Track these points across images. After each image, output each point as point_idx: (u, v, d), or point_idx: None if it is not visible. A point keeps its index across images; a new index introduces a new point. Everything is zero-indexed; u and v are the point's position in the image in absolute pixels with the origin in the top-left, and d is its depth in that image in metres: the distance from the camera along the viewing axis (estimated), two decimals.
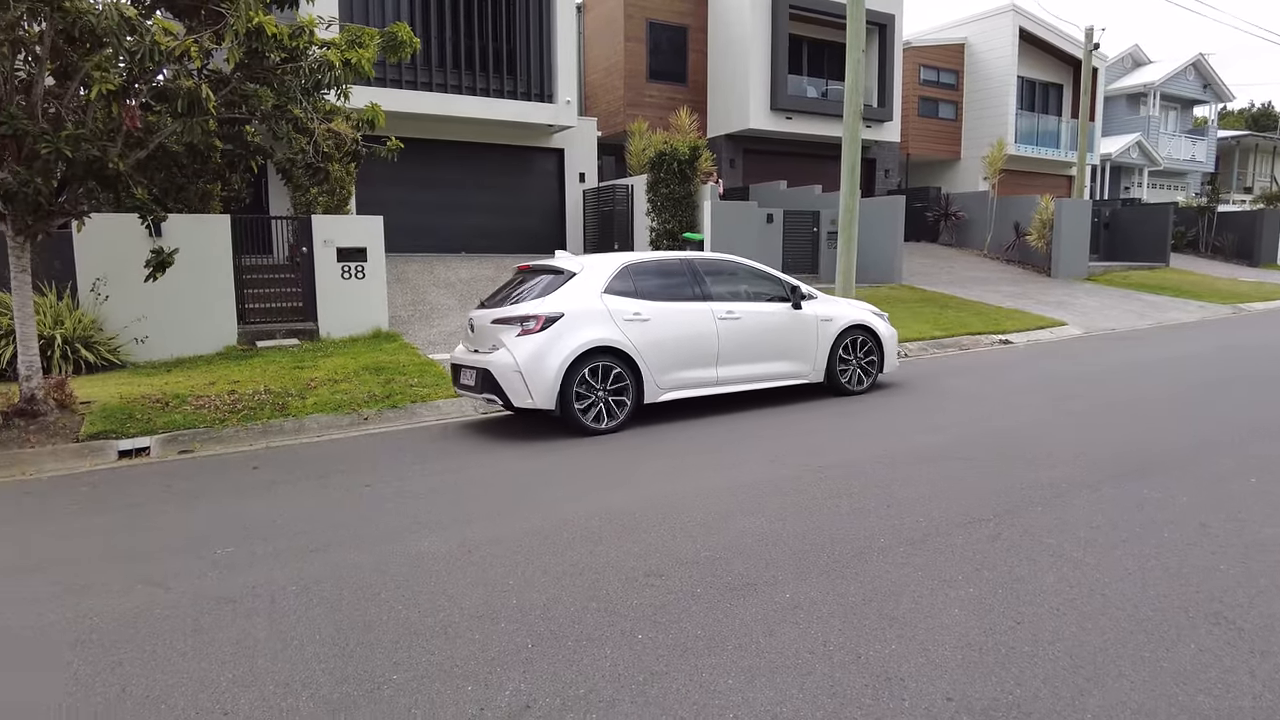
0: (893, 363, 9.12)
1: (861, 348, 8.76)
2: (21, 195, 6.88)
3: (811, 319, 8.44)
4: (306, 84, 8.02)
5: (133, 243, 10.00)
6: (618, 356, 7.32)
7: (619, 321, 7.37)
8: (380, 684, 3.04)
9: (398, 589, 3.90)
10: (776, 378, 8.31)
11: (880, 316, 9.09)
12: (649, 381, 7.48)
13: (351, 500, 5.54)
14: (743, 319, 8.01)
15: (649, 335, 7.47)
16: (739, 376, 8.04)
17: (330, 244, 11.68)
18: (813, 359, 8.48)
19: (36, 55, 7.07)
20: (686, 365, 7.70)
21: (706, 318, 7.83)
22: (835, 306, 8.77)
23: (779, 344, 8.26)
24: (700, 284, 8.00)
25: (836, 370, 8.58)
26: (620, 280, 7.62)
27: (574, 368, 7.09)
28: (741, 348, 8.00)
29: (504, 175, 19.07)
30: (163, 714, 2.89)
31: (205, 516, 5.31)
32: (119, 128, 7.37)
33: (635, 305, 7.51)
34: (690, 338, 7.70)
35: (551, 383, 7.03)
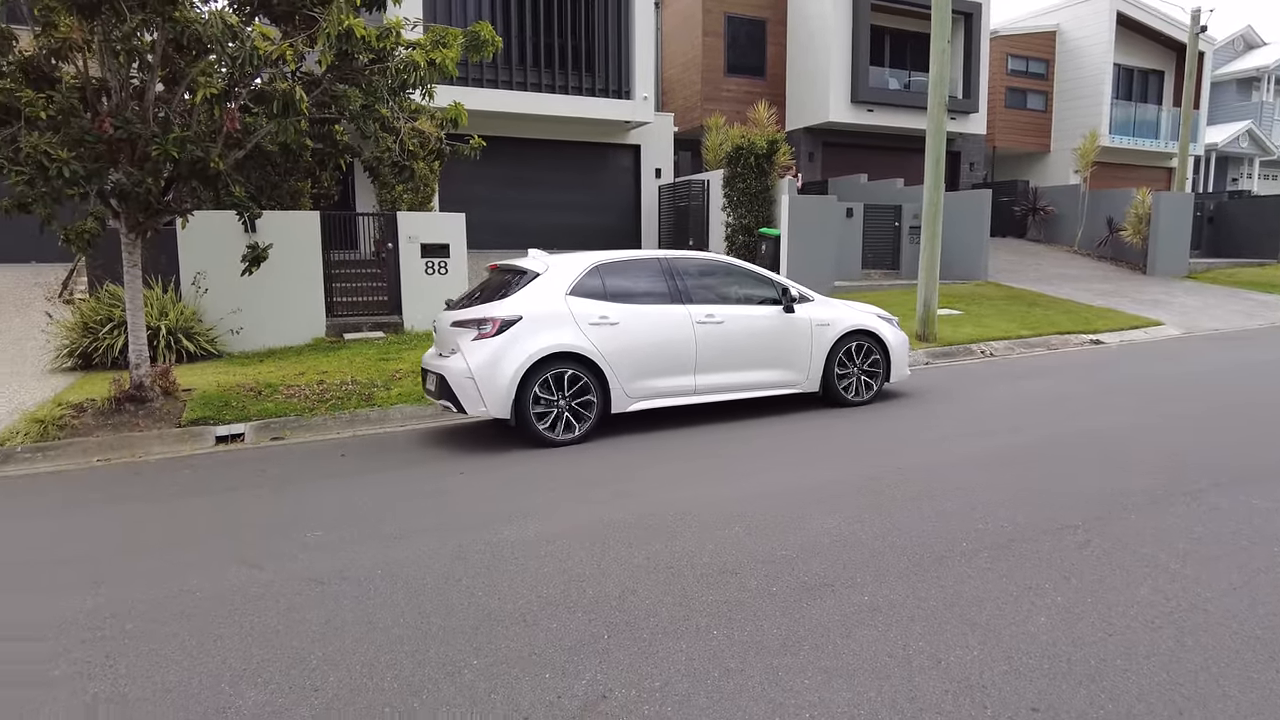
0: (902, 372, 8.35)
1: (864, 355, 8.04)
2: (135, 194, 7.31)
3: (805, 323, 7.77)
4: (393, 84, 8.27)
5: (230, 238, 10.50)
6: (581, 363, 6.83)
7: (583, 325, 6.87)
8: (460, 668, 3.12)
9: (477, 576, 4.00)
10: (764, 387, 7.66)
11: (888, 321, 8.34)
12: (617, 390, 6.97)
13: (433, 488, 5.70)
14: (725, 323, 7.41)
15: (617, 340, 6.96)
16: (721, 385, 7.44)
17: (415, 240, 12.02)
18: (805, 367, 7.79)
19: (149, 63, 7.48)
20: (660, 373, 7.16)
21: (683, 321, 7.25)
22: (834, 310, 8.07)
23: (767, 350, 7.62)
24: (679, 285, 7.42)
25: (834, 379, 7.88)
26: (589, 281, 7.11)
27: (531, 374, 6.64)
28: (723, 354, 7.40)
29: (581, 172, 19.27)
30: (259, 687, 3.04)
31: (296, 501, 5.55)
32: (220, 129, 7.74)
33: (603, 308, 6.99)
34: (664, 343, 7.16)
35: (505, 390, 6.58)
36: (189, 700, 2.96)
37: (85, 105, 7.27)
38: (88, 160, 7.08)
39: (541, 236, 18.68)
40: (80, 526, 5.23)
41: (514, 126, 17.62)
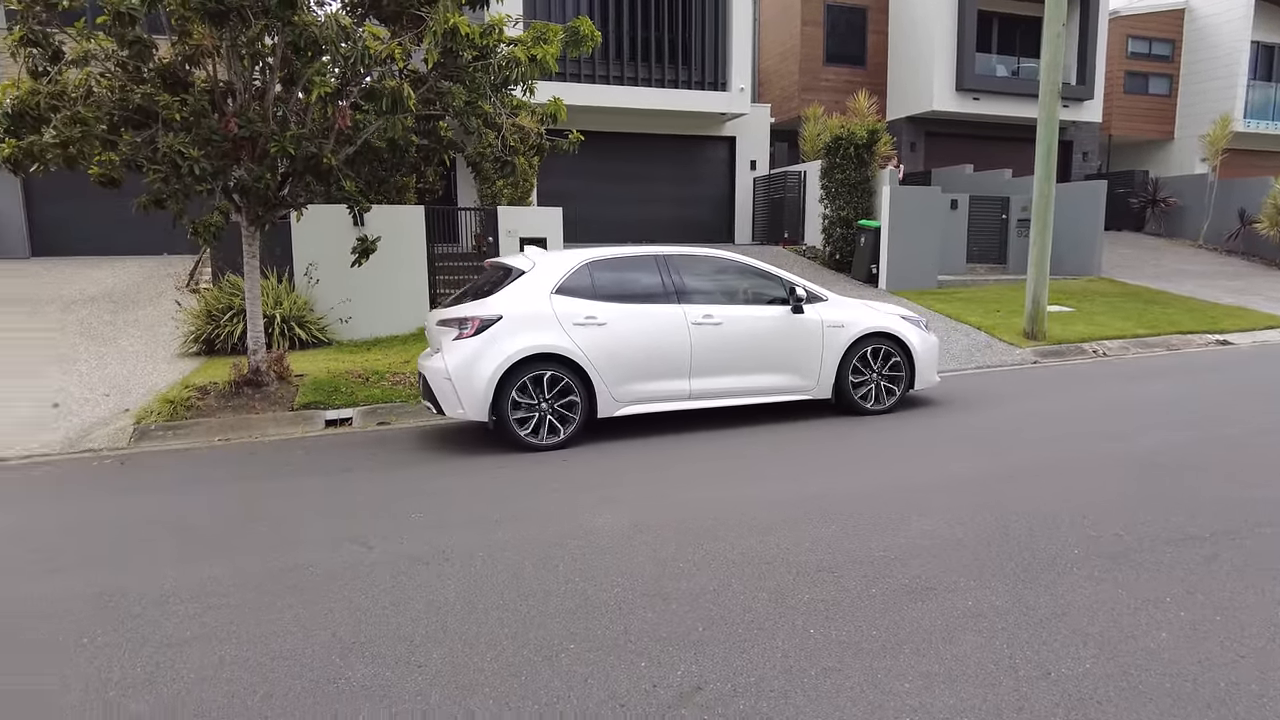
0: (929, 378, 7.71)
1: (883, 360, 7.42)
2: (255, 189, 7.74)
3: (815, 325, 7.24)
4: (495, 80, 8.48)
5: (340, 231, 10.99)
6: (564, 365, 6.56)
7: (567, 325, 6.58)
8: (558, 652, 3.18)
9: (574, 562, 4.07)
10: (768, 392, 7.18)
11: (915, 323, 7.71)
12: (603, 393, 6.66)
13: (531, 475, 5.83)
14: (724, 324, 6.98)
15: (604, 341, 6.64)
16: (718, 390, 7.02)
17: (513, 234, 12.29)
18: (815, 372, 7.26)
19: (269, 65, 7.89)
20: (651, 376, 6.80)
21: (677, 322, 6.87)
22: (849, 311, 7.47)
23: (771, 353, 7.14)
24: (676, 284, 7.03)
25: (848, 385, 7.31)
26: (576, 279, 6.80)
27: (509, 376, 6.42)
28: (721, 357, 6.98)
29: (675, 165, 19.28)
30: (367, 661, 3.18)
31: (402, 484, 5.77)
32: (332, 127, 8.10)
33: (590, 307, 6.68)
34: (656, 345, 6.80)
35: (483, 392, 6.39)
36: (303, 669, 3.13)
37: (213, 107, 7.73)
38: (215, 158, 7.53)
39: (634, 230, 18.82)
40: (205, 501, 5.58)
41: (610, 121, 17.76)
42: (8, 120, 7.09)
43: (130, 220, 10.31)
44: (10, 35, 7.20)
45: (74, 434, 7.58)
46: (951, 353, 10.62)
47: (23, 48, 7.14)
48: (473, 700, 2.87)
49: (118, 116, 7.51)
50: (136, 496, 5.86)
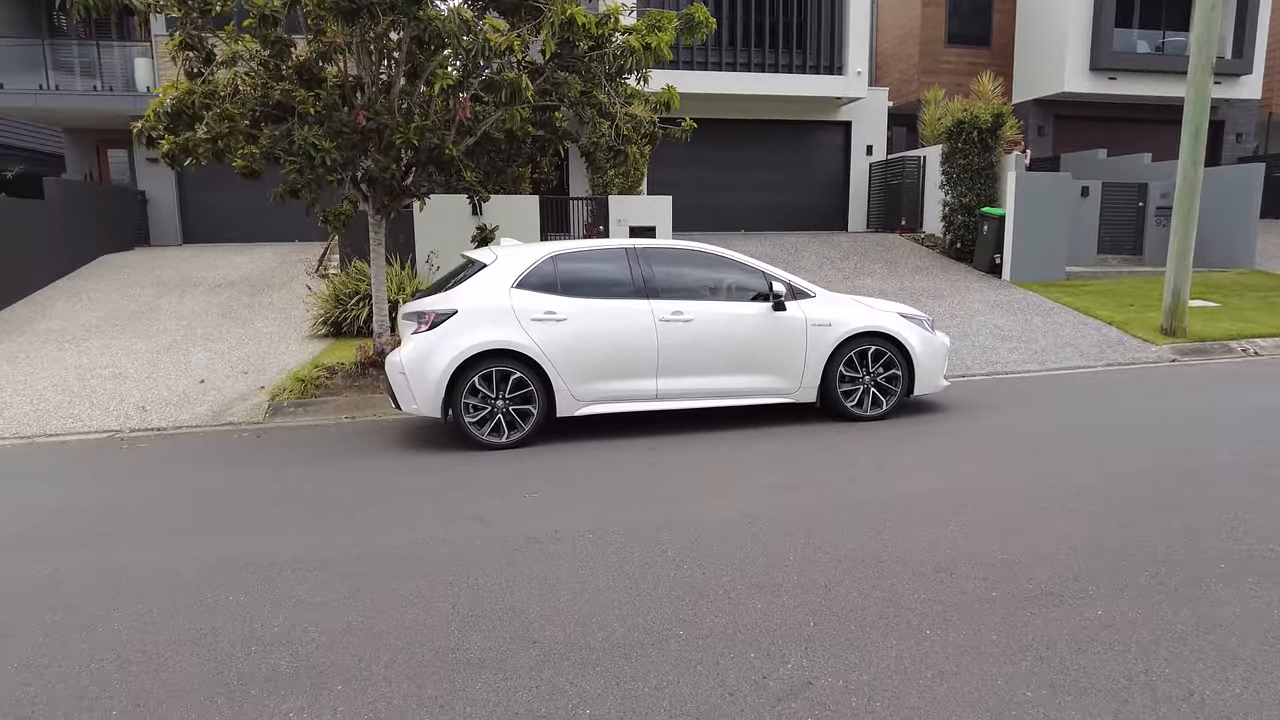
0: (933, 383, 7.12)
1: (877, 361, 6.91)
2: (381, 179, 8.11)
3: (798, 323, 6.78)
4: (610, 69, 8.55)
5: (459, 220, 11.38)
6: (521, 361, 6.37)
7: (524, 321, 6.37)
8: (667, 637, 3.21)
9: (683, 549, 4.09)
10: (744, 394, 6.79)
11: (916, 321, 7.15)
12: (562, 392, 6.45)
13: (644, 461, 5.89)
14: (694, 321, 6.61)
15: (563, 338, 6.41)
16: (689, 391, 6.68)
17: (623, 223, 12.41)
18: (798, 373, 6.81)
19: (395, 59, 8.23)
20: (614, 375, 6.53)
21: (644, 319, 6.55)
22: (838, 308, 6.98)
23: (748, 353, 6.74)
24: (646, 278, 6.69)
25: (835, 388, 6.83)
26: (540, 272, 6.57)
27: (463, 372, 6.28)
28: (692, 356, 6.63)
29: (787, 151, 18.95)
30: (484, 633, 3.30)
31: (516, 464, 5.94)
32: (453, 118, 8.37)
33: (550, 302, 6.47)
34: (619, 342, 6.52)
35: (435, 388, 6.27)
36: (423, 638, 3.27)
37: (344, 100, 8.13)
38: (345, 150, 7.92)
39: (744, 217, 18.65)
40: (334, 475, 5.91)
41: (721, 108, 17.61)
42: (167, 118, 7.67)
43: (266, 209, 11.00)
44: (171, 41, 7.79)
45: (217, 408, 8.17)
46: (1079, 349, 10.04)
47: (181, 51, 7.72)
48: (585, 679, 2.94)
49: (259, 112, 8.01)
50: (272, 469, 6.26)
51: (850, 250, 15.99)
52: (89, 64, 17.81)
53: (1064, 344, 10.25)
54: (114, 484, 5.99)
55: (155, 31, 16.44)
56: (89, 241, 15.79)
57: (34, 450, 7.06)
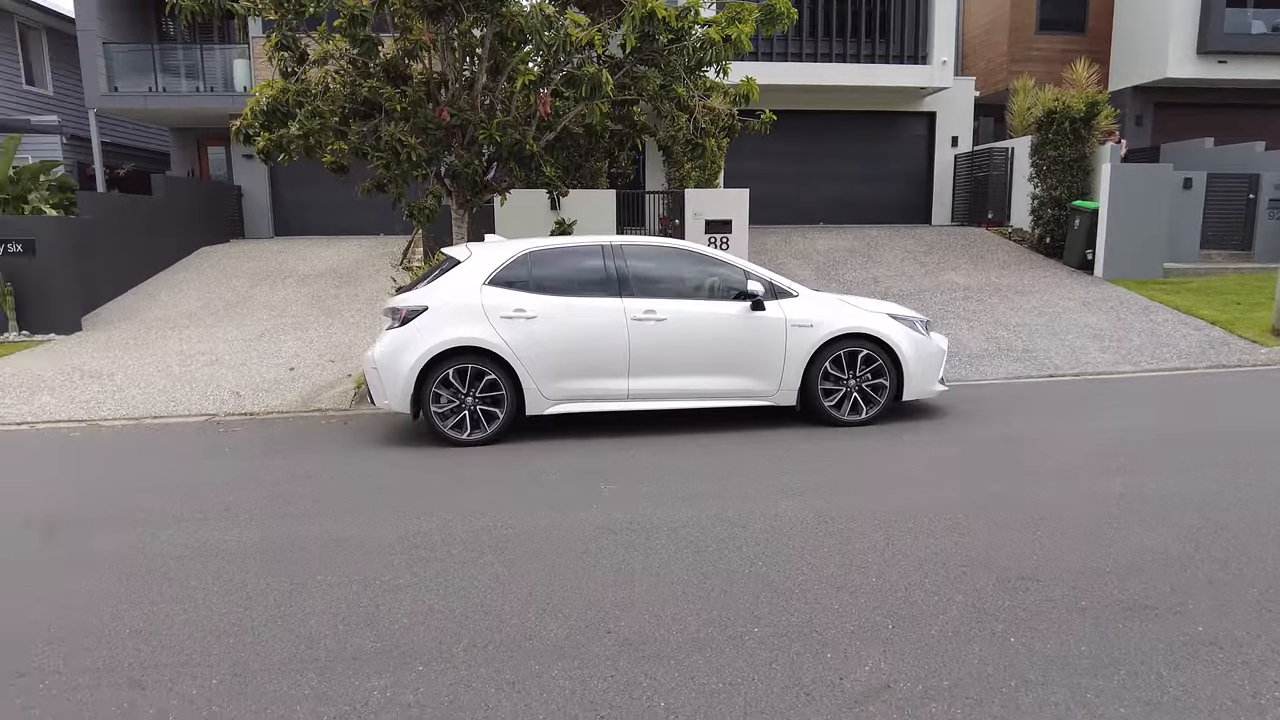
0: (926, 387, 6.78)
1: (864, 364, 6.62)
2: (464, 175, 8.29)
3: (777, 323, 6.54)
4: (690, 62, 8.53)
5: (538, 214, 11.53)
6: (489, 359, 6.36)
7: (494, 318, 6.36)
8: (741, 634, 3.20)
9: (757, 545, 4.07)
10: (720, 396, 6.61)
11: (907, 323, 6.79)
12: (531, 390, 6.42)
13: (719, 456, 5.88)
14: (668, 320, 6.46)
15: (533, 336, 6.38)
16: (662, 392, 6.54)
17: (699, 216, 12.37)
18: (777, 375, 6.59)
19: (479, 56, 8.39)
20: (584, 374, 6.46)
21: (615, 317, 6.44)
22: (821, 308, 6.69)
23: (725, 354, 6.55)
24: (621, 276, 6.58)
25: (817, 391, 6.58)
26: (513, 270, 6.55)
27: (431, 369, 6.32)
28: (665, 356, 6.49)
29: (867, 142, 18.56)
30: (560, 622, 3.35)
31: (592, 456, 6.00)
32: (533, 114, 8.50)
33: (521, 300, 6.43)
34: (590, 341, 6.44)
35: (404, 383, 6.32)
36: (501, 623, 3.34)
37: (428, 97, 8.34)
38: (429, 145, 8.13)
39: (823, 210, 18.36)
40: (416, 462, 6.09)
41: (800, 99, 17.36)
42: (263, 116, 8.02)
43: (353, 204, 11.38)
44: (268, 42, 8.13)
45: (306, 394, 8.51)
46: (1178, 349, 9.54)
47: (277, 52, 8.04)
48: (660, 671, 2.95)
49: (348, 109, 8.29)
50: (357, 453, 6.48)
51: (934, 244, 15.56)
52: (193, 66, 18.73)
53: (1161, 344, 9.76)
54: (211, 465, 6.30)
55: (253, 34, 17.17)
56: (190, 234, 16.64)
57: (140, 431, 7.49)
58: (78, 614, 3.56)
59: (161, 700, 2.87)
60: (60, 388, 8.89)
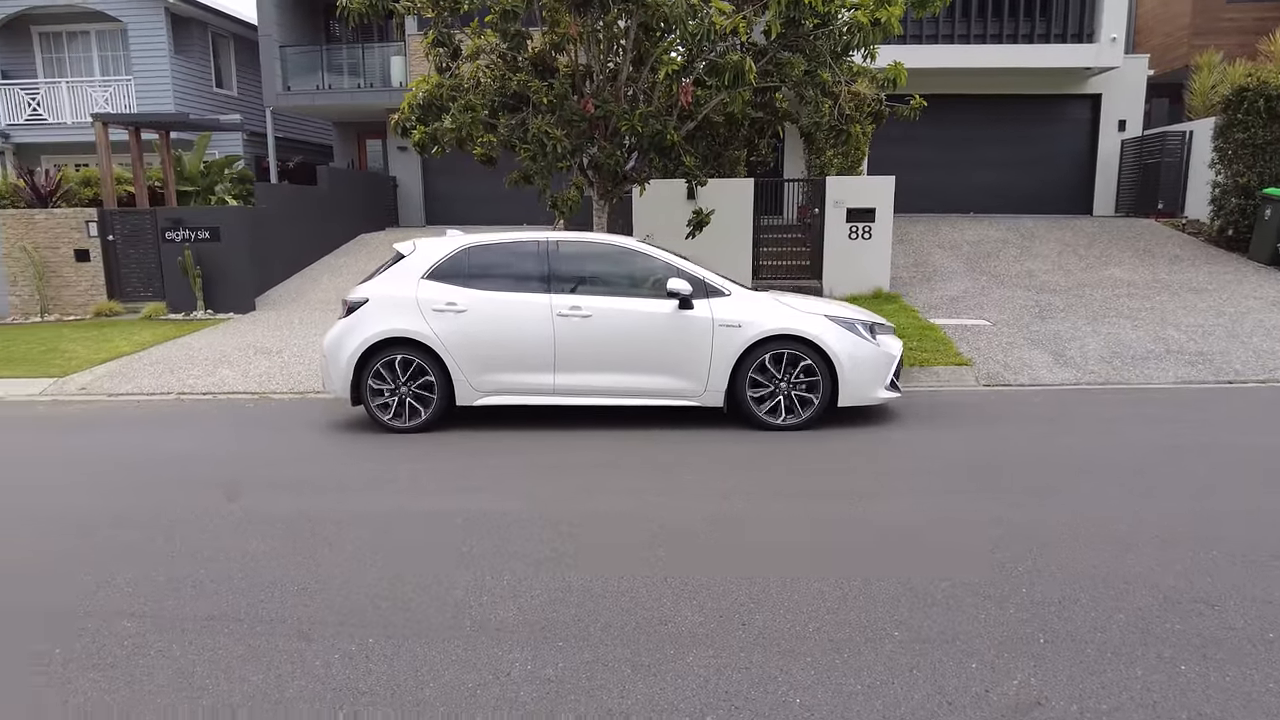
0: (865, 394, 6.41)
1: (793, 366, 6.32)
2: (606, 166, 8.44)
3: (703, 323, 6.36)
4: (835, 47, 8.30)
5: (674, 204, 11.58)
6: (421, 350, 6.55)
7: (426, 311, 6.55)
8: (881, 637, 3.11)
9: (900, 548, 3.94)
10: (646, 394, 6.51)
11: (845, 325, 6.44)
12: (461, 381, 6.57)
13: (845, 454, 5.74)
14: (594, 318, 6.44)
15: (463, 329, 6.51)
16: (587, 388, 6.53)
17: (841, 205, 12.04)
18: (704, 376, 6.41)
19: (623, 47, 8.50)
20: (511, 367, 6.56)
21: (541, 312, 6.49)
22: (752, 308, 6.44)
23: (650, 352, 6.44)
24: (552, 272, 6.64)
25: (745, 393, 6.35)
26: (451, 265, 6.72)
27: (368, 358, 6.59)
28: (591, 353, 6.48)
29: (1023, 127, 17.46)
30: (695, 608, 3.37)
31: (704, 448, 5.99)
32: (674, 104, 8.53)
33: (453, 293, 6.59)
34: (516, 335, 6.51)
35: (344, 372, 6.63)
36: (637, 606, 3.40)
37: (573, 89, 8.53)
38: (574, 137, 8.32)
39: (971, 199, 17.46)
40: (564, 442, 6.27)
41: (948, 83, 16.53)
42: (419, 110, 8.45)
43: (498, 194, 11.80)
44: (425, 39, 8.56)
45: None
46: None
47: (433, 48, 8.45)
48: (795, 666, 2.92)
49: (497, 102, 8.61)
50: (508, 435, 6.73)
51: (1096, 236, 14.50)
52: (354, 64, 19.99)
53: None
54: (366, 438, 6.72)
55: (408, 32, 18.10)
56: (350, 222, 17.80)
57: (304, 404, 8.10)
58: (254, 569, 3.91)
59: (325, 653, 3.11)
60: (237, 362, 9.74)
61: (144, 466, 6.10)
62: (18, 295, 14.20)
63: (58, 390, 9.19)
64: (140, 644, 3.22)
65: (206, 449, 6.56)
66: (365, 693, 2.85)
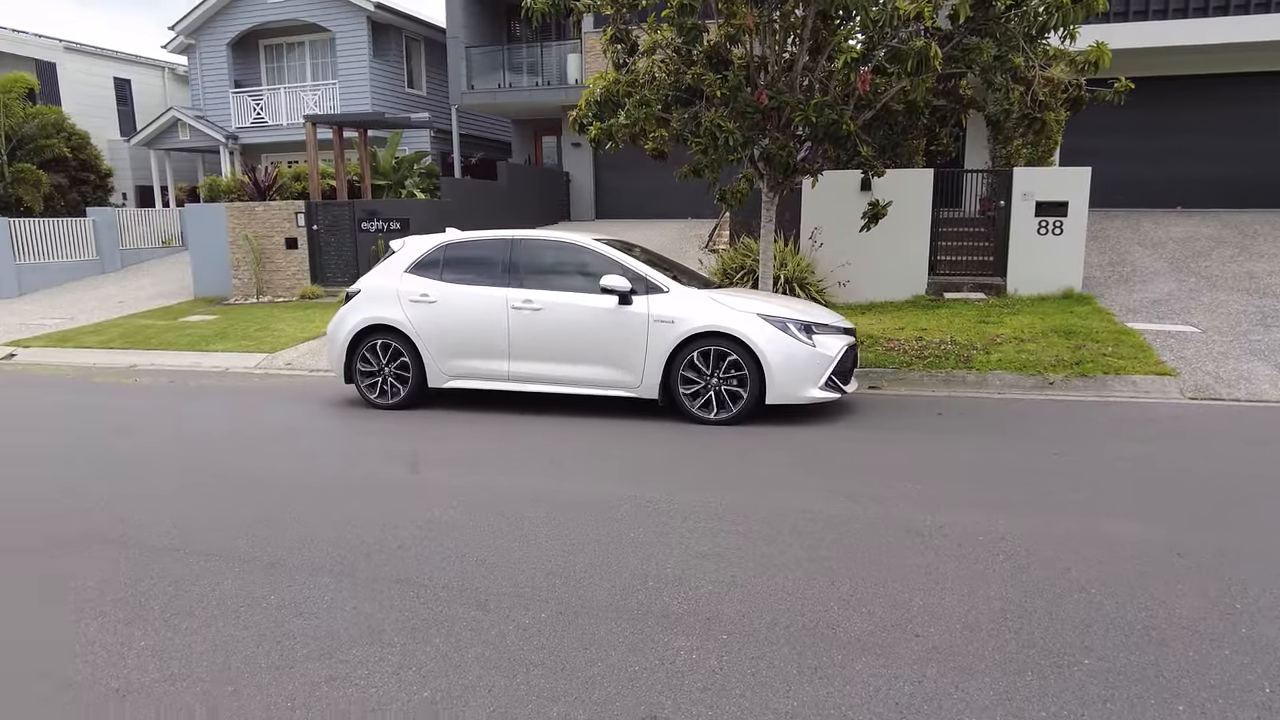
0: (794, 393, 6.47)
1: (721, 363, 6.52)
2: (778, 157, 8.31)
3: (639, 319, 6.72)
4: (1030, 29, 7.73)
5: (845, 196, 11.25)
6: (398, 336, 7.37)
7: (404, 301, 7.38)
8: (1068, 663, 2.89)
9: (1089, 569, 3.63)
10: (588, 384, 6.98)
11: (778, 324, 6.52)
12: (431, 365, 7.34)
13: (1031, 463, 5.36)
14: (543, 311, 6.99)
15: (433, 318, 7.28)
16: (537, 376, 7.10)
17: (1029, 197, 11.23)
18: (640, 369, 6.76)
19: (800, 36, 8.32)
20: (472, 354, 7.24)
21: (498, 306, 7.11)
22: (687, 305, 6.68)
23: (591, 345, 6.88)
24: (513, 267, 7.23)
25: (677, 388, 6.65)
26: (429, 259, 7.50)
27: (357, 342, 7.51)
28: (540, 344, 7.03)
29: (1244, 109, 15.49)
30: (864, 617, 3.27)
31: (895, 450, 5.78)
32: (851, 93, 8.24)
33: (427, 286, 7.37)
34: (477, 325, 7.18)
35: (339, 353, 7.59)
36: (802, 608, 3.34)
37: (747, 81, 8.45)
38: (746, 129, 8.24)
39: (1180, 192, 15.80)
40: (718, 439, 6.28)
41: (1155, 63, 14.95)
42: (595, 106, 8.66)
43: (664, 188, 11.93)
44: (603, 36, 8.77)
45: None
46: None
47: (611, 45, 8.64)
48: (971, 684, 2.77)
49: (670, 96, 8.66)
50: (655, 427, 6.82)
51: None
52: (533, 63, 20.84)
53: None
54: (542, 422, 7.00)
55: (584, 29, 18.63)
56: (526, 215, 18.60)
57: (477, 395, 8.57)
58: (431, 538, 4.18)
59: (501, 624, 3.27)
60: None
61: (346, 436, 6.68)
62: (239, 279, 15.95)
63: (269, 364, 10.25)
64: (337, 599, 3.53)
65: (395, 425, 7.06)
66: (537, 665, 2.98)
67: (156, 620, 3.38)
